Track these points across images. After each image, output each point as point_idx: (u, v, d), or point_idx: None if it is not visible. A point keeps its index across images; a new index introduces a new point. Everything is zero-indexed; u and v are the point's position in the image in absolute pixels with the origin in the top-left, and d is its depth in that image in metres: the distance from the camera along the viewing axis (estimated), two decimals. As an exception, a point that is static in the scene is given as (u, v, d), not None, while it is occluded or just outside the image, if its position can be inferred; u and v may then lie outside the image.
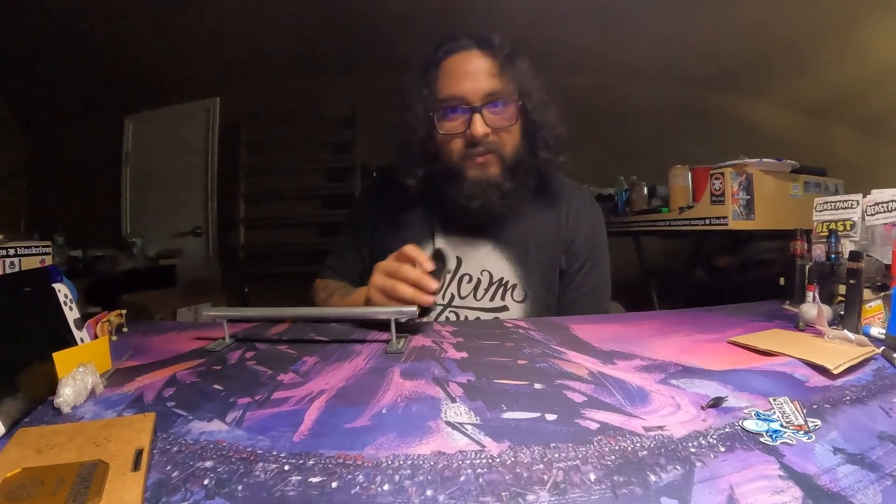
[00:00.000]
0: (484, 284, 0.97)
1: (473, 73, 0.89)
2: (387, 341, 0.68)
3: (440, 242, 0.99)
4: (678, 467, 0.34)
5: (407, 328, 0.74)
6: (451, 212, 0.97)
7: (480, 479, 0.33)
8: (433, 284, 0.75)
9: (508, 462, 0.35)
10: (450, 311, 0.97)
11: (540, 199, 1.01)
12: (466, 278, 0.98)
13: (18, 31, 2.66)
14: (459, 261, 0.98)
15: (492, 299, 0.97)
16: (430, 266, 0.77)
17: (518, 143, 0.93)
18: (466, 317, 0.97)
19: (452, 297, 0.98)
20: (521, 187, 0.95)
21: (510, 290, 0.97)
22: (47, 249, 0.74)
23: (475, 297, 0.97)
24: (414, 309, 0.69)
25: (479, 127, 0.87)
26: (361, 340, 0.69)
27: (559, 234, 1.00)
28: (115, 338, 0.72)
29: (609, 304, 1.06)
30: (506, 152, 0.92)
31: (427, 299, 0.75)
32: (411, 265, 0.77)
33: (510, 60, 0.90)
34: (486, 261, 0.98)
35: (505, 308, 0.97)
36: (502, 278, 0.97)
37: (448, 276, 0.98)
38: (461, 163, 0.92)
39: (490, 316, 0.96)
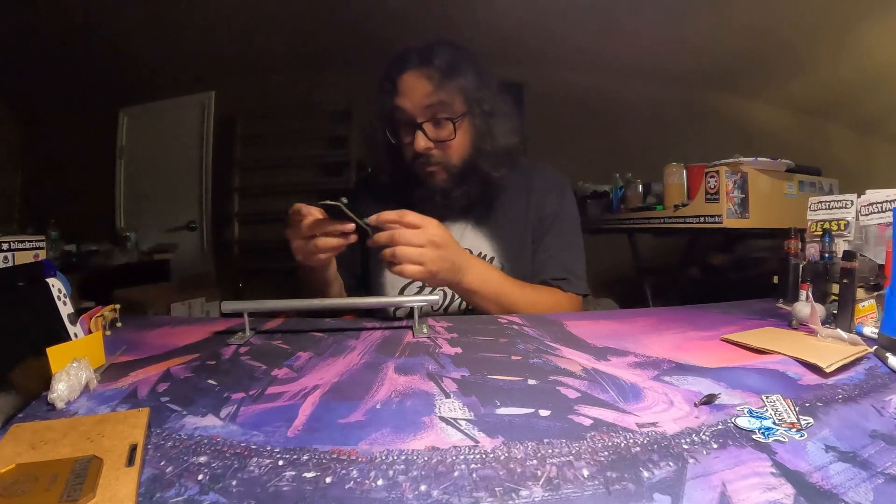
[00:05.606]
0: None
1: (416, 90, 0.95)
2: (383, 331, 0.68)
3: None
4: (671, 464, 0.34)
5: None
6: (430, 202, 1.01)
7: (474, 475, 0.33)
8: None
9: (502, 457, 0.35)
10: (438, 288, 1.02)
11: (509, 182, 1.06)
12: None
13: (13, 25, 2.64)
14: None
15: None
16: (320, 215, 0.83)
17: (465, 153, 0.99)
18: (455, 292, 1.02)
19: None
20: (474, 188, 1.01)
21: (489, 262, 1.03)
22: (41, 244, 0.73)
23: None
24: (436, 297, 0.76)
25: (420, 142, 0.95)
26: (358, 329, 0.69)
27: (528, 211, 1.07)
28: (108, 333, 0.72)
29: (581, 271, 1.07)
30: (452, 163, 0.99)
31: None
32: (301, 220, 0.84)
33: (452, 77, 0.95)
34: (465, 240, 1.04)
35: None
36: (481, 252, 1.04)
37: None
38: (416, 170, 1.00)
39: None
